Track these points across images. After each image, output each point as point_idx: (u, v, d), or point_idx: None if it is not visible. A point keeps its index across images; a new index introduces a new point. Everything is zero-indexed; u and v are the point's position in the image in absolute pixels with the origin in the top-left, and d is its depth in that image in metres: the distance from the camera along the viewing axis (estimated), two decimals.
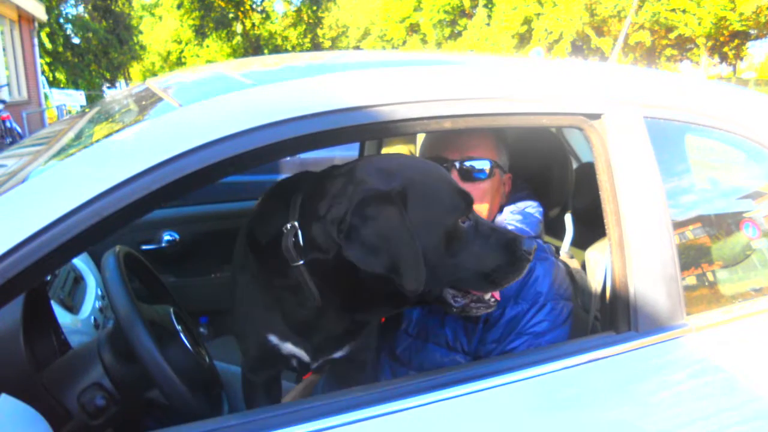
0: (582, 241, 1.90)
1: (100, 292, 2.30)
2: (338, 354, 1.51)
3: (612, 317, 1.46)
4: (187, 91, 1.39)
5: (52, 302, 1.78)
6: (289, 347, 1.47)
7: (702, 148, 1.78)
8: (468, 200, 1.31)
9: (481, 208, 1.61)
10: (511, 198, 1.73)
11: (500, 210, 1.69)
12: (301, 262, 1.29)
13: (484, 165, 1.61)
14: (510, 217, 1.67)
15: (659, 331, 1.42)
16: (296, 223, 1.30)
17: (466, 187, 1.57)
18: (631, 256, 1.41)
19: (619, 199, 1.40)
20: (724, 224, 1.79)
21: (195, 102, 1.16)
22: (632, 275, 1.41)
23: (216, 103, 1.15)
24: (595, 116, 1.41)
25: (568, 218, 1.85)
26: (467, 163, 1.60)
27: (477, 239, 1.30)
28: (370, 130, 1.24)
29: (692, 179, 1.67)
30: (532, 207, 1.70)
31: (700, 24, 29.56)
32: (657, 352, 1.40)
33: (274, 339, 1.46)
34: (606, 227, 1.45)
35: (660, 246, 1.43)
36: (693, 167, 1.66)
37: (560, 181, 1.79)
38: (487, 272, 1.29)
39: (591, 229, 1.85)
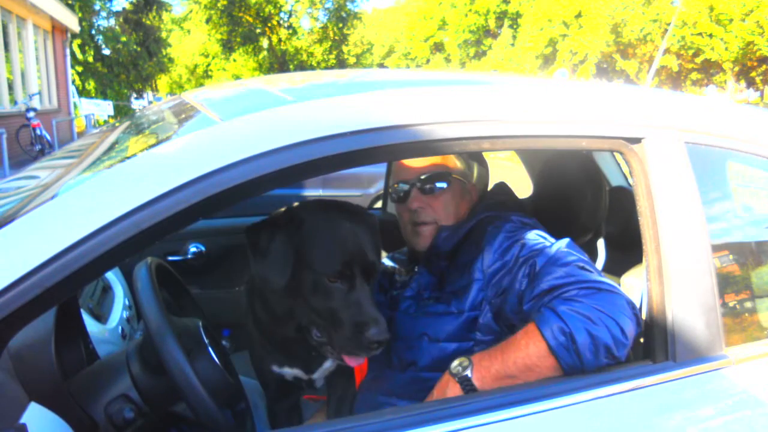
0: (613, 267, 1.86)
1: (127, 302, 2.31)
2: (327, 365, 1.68)
3: (649, 346, 1.42)
4: (227, 105, 1.40)
5: (82, 311, 1.79)
6: (287, 371, 1.66)
7: (735, 174, 1.74)
8: (345, 272, 1.43)
9: (447, 213, 1.75)
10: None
11: (471, 216, 1.75)
12: None
13: (438, 177, 1.73)
14: (489, 202, 1.79)
15: (698, 362, 1.38)
16: None
17: (426, 199, 1.74)
18: (670, 283, 1.37)
19: (659, 225, 1.37)
20: (761, 253, 1.74)
21: (236, 117, 1.16)
22: (671, 303, 1.37)
23: (257, 118, 1.15)
24: (636, 140, 1.39)
25: (600, 243, 1.82)
26: (424, 178, 1.73)
27: (337, 302, 1.42)
28: (410, 149, 1.23)
29: (732, 206, 1.63)
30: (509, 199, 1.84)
31: (727, 49, 29.34)
32: (696, 383, 1.36)
33: (276, 368, 1.67)
34: (644, 253, 1.42)
35: (700, 274, 1.40)
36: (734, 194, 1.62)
37: (594, 207, 1.76)
38: (331, 334, 1.44)
39: (622, 254, 1.82)
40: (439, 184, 1.73)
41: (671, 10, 29.50)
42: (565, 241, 1.52)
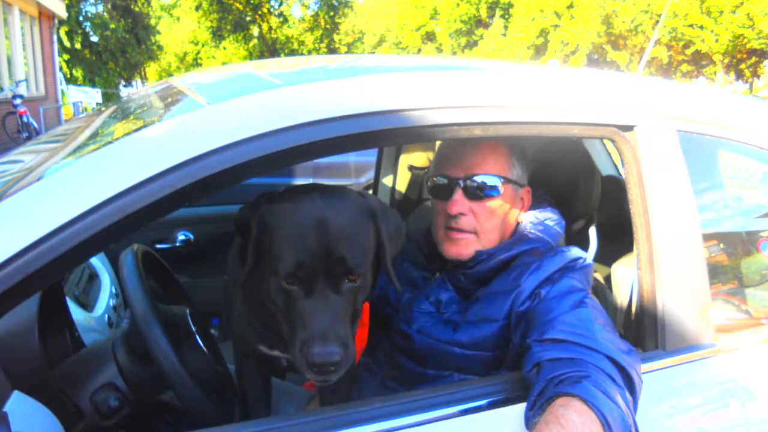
0: (604, 256, 1.86)
1: (114, 290, 2.29)
2: None
3: (639, 334, 1.43)
4: (214, 89, 1.37)
5: (67, 299, 1.76)
6: (276, 354, 1.47)
7: (726, 164, 1.74)
8: (298, 273, 1.17)
9: (491, 226, 1.55)
10: (532, 208, 1.66)
11: (513, 243, 1.57)
12: None
13: (491, 182, 1.52)
14: (531, 227, 1.61)
15: (688, 350, 1.39)
16: None
17: (470, 205, 1.52)
18: (660, 272, 1.37)
19: (651, 214, 1.37)
20: (750, 243, 1.75)
21: (223, 100, 1.14)
22: (661, 292, 1.37)
23: (245, 102, 1.13)
24: (628, 128, 1.38)
25: (592, 231, 1.81)
26: (473, 180, 1.52)
27: (290, 309, 1.19)
28: (400, 135, 1.21)
29: (723, 196, 1.63)
30: (551, 220, 1.64)
31: (717, 41, 29.49)
32: (685, 372, 1.37)
33: (264, 348, 1.47)
34: (635, 242, 1.41)
35: (691, 263, 1.40)
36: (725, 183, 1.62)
37: (586, 194, 1.75)
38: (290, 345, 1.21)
39: (613, 243, 1.81)
40: (488, 189, 1.53)
41: (662, 1, 29.54)
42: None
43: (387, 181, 3.06)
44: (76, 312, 1.90)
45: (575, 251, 1.52)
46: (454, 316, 1.53)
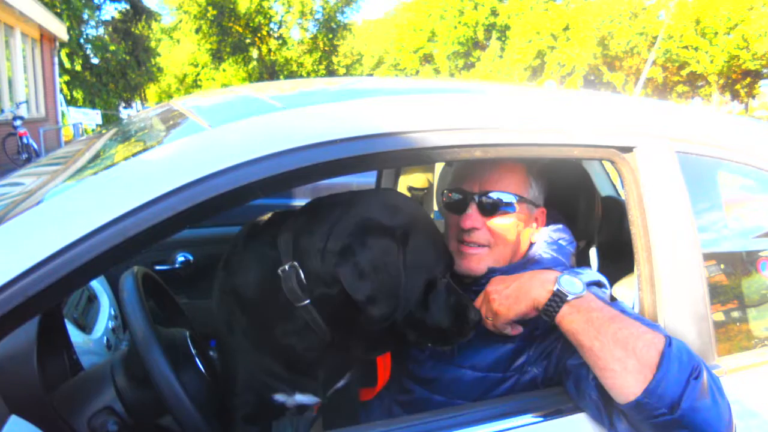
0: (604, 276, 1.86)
1: (113, 312, 2.27)
2: (341, 383, 1.51)
3: None
4: (215, 112, 1.38)
5: (66, 321, 1.75)
6: (296, 399, 1.45)
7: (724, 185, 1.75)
8: (450, 261, 1.40)
9: (504, 242, 1.54)
10: (545, 229, 1.66)
11: (526, 262, 1.57)
12: (307, 301, 1.28)
13: (506, 199, 1.53)
14: (545, 247, 1.61)
15: None
16: (296, 263, 1.28)
17: (484, 220, 1.53)
18: (661, 292, 1.37)
19: (651, 235, 1.37)
20: (751, 263, 1.74)
21: (225, 123, 1.15)
22: (662, 312, 1.37)
23: (246, 125, 1.13)
24: (628, 149, 1.39)
25: (593, 252, 1.82)
26: (488, 197, 1.53)
27: (444, 296, 1.35)
28: (401, 157, 1.22)
29: (723, 216, 1.63)
30: (564, 240, 1.64)
31: (712, 62, 29.81)
32: None
33: (280, 397, 1.45)
34: (636, 263, 1.41)
35: (691, 283, 1.39)
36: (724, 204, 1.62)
37: (587, 215, 1.76)
38: (441, 327, 1.34)
39: (614, 264, 1.81)
40: (503, 206, 1.53)
41: (657, 23, 29.94)
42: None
43: None
44: (75, 334, 1.88)
45: (591, 273, 1.50)
46: None
